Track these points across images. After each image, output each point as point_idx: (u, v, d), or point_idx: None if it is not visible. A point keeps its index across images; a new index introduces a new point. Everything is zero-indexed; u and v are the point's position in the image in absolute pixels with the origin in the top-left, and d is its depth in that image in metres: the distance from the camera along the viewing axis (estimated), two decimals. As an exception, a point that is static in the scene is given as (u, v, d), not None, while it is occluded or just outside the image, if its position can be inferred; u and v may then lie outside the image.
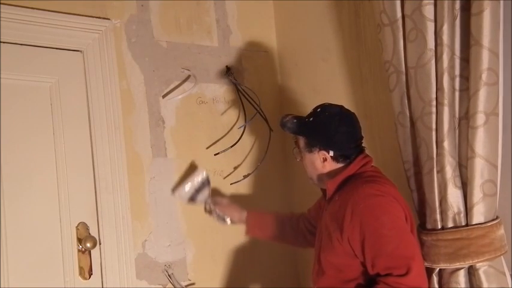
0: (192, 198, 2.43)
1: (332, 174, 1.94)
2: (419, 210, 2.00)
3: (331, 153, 1.92)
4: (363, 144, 2.01)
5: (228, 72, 2.70)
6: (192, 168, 2.52)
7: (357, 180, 1.87)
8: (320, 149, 1.93)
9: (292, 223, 2.36)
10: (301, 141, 2.00)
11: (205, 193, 2.44)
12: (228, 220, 2.41)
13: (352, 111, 2.40)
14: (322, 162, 1.94)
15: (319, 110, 1.99)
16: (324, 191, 2.03)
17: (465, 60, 1.83)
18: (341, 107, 1.99)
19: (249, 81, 2.78)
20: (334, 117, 1.94)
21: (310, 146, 1.96)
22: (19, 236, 2.08)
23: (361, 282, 1.80)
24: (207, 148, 2.61)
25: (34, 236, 2.12)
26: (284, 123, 2.04)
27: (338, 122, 1.93)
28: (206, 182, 2.45)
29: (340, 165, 1.94)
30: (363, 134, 2.31)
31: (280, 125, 2.06)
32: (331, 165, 1.94)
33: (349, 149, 1.94)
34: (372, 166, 1.98)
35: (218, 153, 2.58)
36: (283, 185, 2.84)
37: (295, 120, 2.02)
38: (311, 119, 1.98)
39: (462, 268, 1.85)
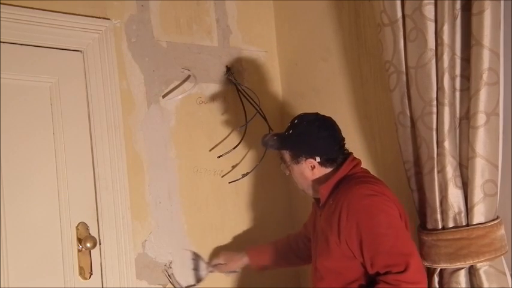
0: (198, 279, 2.43)
1: (323, 179, 1.95)
2: (419, 210, 2.00)
3: (318, 159, 1.94)
4: (347, 147, 2.03)
5: (228, 72, 2.70)
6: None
7: (349, 181, 1.88)
8: (306, 158, 1.95)
9: (291, 246, 2.38)
10: (286, 155, 2.02)
11: (202, 266, 2.46)
12: (237, 270, 2.46)
13: (352, 111, 2.42)
14: (311, 170, 1.96)
15: (296, 121, 2.01)
16: (316, 199, 2.03)
17: (466, 60, 1.83)
18: (317, 113, 2.01)
19: (249, 81, 2.78)
20: (312, 124, 1.96)
21: (296, 157, 1.97)
22: (19, 236, 2.08)
23: (362, 283, 1.81)
24: (210, 150, 2.61)
25: (34, 236, 2.12)
26: (265, 142, 2.08)
27: (317, 128, 1.95)
28: (196, 257, 2.45)
29: (329, 169, 1.95)
30: (363, 134, 2.32)
31: (262, 145, 2.11)
32: (320, 172, 1.96)
33: (333, 151, 1.95)
34: (362, 168, 2.00)
35: (221, 156, 2.59)
36: (282, 184, 2.83)
37: (275, 137, 2.05)
38: (290, 131, 1.99)
39: (463, 268, 1.85)
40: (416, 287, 1.69)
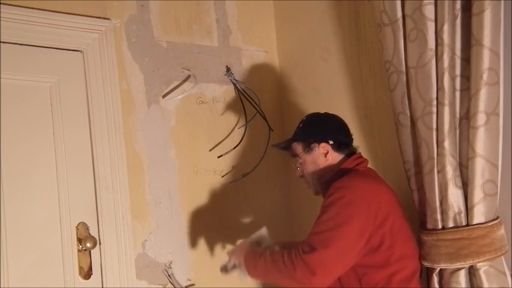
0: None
1: (334, 167, 1.97)
2: (419, 210, 2.00)
3: (331, 142, 1.98)
4: (357, 146, 2.08)
5: (228, 72, 2.70)
6: None
7: (346, 175, 1.90)
8: (319, 143, 1.99)
9: None
10: (298, 148, 2.05)
11: None
12: None
13: (352, 111, 2.42)
14: (324, 156, 1.99)
15: (304, 118, 2.11)
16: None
17: (466, 60, 1.83)
18: (325, 112, 2.10)
19: (249, 81, 2.78)
20: (321, 115, 2.09)
21: (309, 145, 2.01)
22: (19, 236, 2.08)
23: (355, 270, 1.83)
24: (210, 150, 2.61)
25: (34, 236, 2.12)
26: (278, 144, 2.18)
27: (326, 116, 2.08)
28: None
29: (341, 155, 1.99)
30: (363, 134, 2.31)
31: (274, 147, 2.21)
32: (333, 158, 1.99)
33: (344, 136, 2.02)
34: (368, 167, 2.02)
35: (221, 156, 2.59)
36: (282, 184, 2.83)
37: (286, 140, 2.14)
38: (300, 125, 2.08)
39: (463, 268, 1.84)
40: (307, 271, 1.70)
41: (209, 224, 2.57)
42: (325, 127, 2.02)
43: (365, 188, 1.83)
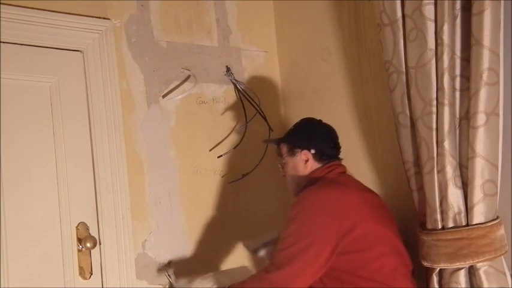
0: (256, 251, 2.37)
1: (305, 176, 2.02)
2: (419, 210, 2.00)
3: (313, 151, 2.02)
4: (348, 150, 2.14)
5: (228, 72, 2.71)
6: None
7: (316, 183, 1.94)
8: (302, 149, 2.04)
9: None
10: (284, 148, 2.11)
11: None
12: None
13: (352, 111, 2.42)
14: (304, 163, 2.03)
15: (298, 121, 2.17)
16: None
17: (466, 60, 1.83)
18: (319, 119, 2.15)
19: (249, 81, 2.78)
20: (313, 121, 2.14)
21: (293, 149, 2.06)
22: (19, 235, 2.08)
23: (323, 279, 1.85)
24: (210, 150, 2.61)
25: (34, 235, 2.12)
26: (268, 140, 2.29)
27: (317, 124, 2.12)
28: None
29: (320, 165, 2.03)
30: (363, 134, 2.32)
31: (264, 142, 2.32)
32: (312, 166, 2.03)
33: (329, 148, 2.05)
34: (342, 173, 2.04)
35: (221, 156, 2.59)
36: (283, 184, 2.82)
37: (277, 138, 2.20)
38: (292, 127, 2.14)
39: (462, 268, 1.84)
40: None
41: (209, 224, 2.57)
42: (312, 135, 2.06)
43: (326, 197, 1.87)
